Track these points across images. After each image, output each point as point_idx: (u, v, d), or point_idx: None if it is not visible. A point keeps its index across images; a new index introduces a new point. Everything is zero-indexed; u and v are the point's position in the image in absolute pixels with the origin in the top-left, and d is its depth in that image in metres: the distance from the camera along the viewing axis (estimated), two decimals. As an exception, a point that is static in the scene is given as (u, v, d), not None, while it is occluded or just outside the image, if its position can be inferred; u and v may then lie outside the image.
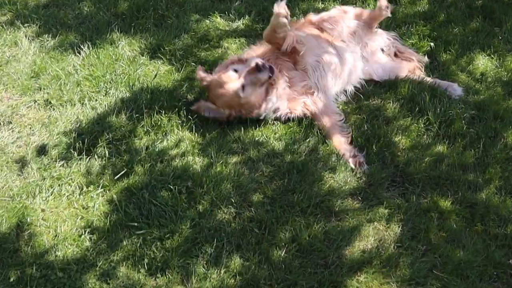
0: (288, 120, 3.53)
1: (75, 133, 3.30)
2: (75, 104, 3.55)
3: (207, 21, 4.58)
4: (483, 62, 4.41)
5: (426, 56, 4.32)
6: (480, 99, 3.97)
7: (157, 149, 3.22)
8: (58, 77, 3.75)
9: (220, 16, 4.60)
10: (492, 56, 4.49)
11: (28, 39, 4.16)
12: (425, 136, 3.58)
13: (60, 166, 3.09)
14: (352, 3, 4.79)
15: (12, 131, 3.35)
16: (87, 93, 3.63)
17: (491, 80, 4.21)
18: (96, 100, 3.60)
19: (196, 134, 3.36)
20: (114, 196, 2.90)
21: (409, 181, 3.25)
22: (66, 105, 3.54)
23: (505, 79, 4.25)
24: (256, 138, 3.40)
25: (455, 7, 5.09)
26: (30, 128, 3.38)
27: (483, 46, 4.57)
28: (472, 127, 3.65)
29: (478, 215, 3.05)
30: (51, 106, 3.55)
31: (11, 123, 3.41)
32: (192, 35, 4.35)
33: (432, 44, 4.43)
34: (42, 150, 3.22)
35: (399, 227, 2.94)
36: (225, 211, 2.91)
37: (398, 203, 3.09)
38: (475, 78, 4.24)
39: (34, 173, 3.04)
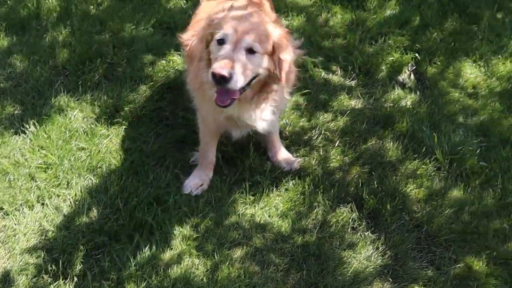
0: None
1: (43, 250, 2.72)
2: (33, 206, 2.95)
3: (163, 61, 4.01)
4: (471, 71, 4.13)
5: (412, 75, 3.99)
6: (481, 120, 3.69)
7: (147, 257, 2.69)
8: (5, 171, 3.11)
9: (177, 53, 4.03)
10: (479, 62, 4.22)
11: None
12: (436, 180, 3.24)
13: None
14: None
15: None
16: (45, 188, 3.03)
17: (485, 94, 3.93)
18: (58, 196, 3.00)
19: (188, 227, 2.85)
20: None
21: (435, 244, 2.91)
22: (22, 209, 2.93)
23: (498, 89, 3.98)
24: (257, 220, 2.93)
25: (427, 5, 4.76)
26: (-15, 249, 2.76)
27: (466, 52, 4.29)
28: (483, 160, 3.35)
29: (515, 274, 2.76)
30: (4, 213, 2.93)
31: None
32: (151, 85, 3.76)
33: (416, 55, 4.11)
34: (5, 279, 2.62)
35: (440, 308, 2.60)
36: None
37: (431, 276, 2.74)
38: (468, 93, 3.94)
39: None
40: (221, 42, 2.44)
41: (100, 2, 4.65)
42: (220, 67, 2.32)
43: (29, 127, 3.36)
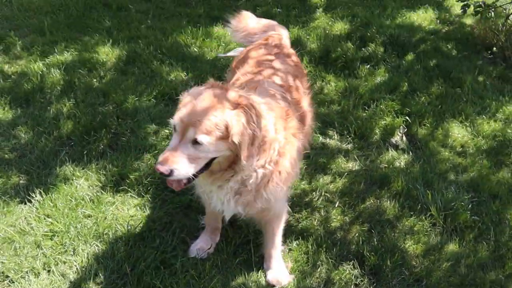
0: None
1: (49, 317, 2.73)
2: (39, 274, 2.98)
3: (166, 130, 4.17)
4: (458, 131, 4.36)
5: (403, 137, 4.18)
6: (471, 177, 3.86)
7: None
8: (11, 240, 3.16)
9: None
10: (465, 122, 4.45)
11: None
12: (433, 235, 3.36)
13: None
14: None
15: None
16: (51, 255, 3.07)
17: (473, 152, 4.12)
18: (65, 262, 3.04)
19: (197, 291, 2.89)
20: None
21: (437, 298, 2.96)
22: (28, 277, 2.96)
23: (485, 147, 4.17)
24: (263, 282, 2.98)
25: (413, 71, 5.06)
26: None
27: (453, 113, 4.55)
28: (475, 214, 3.51)
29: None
30: (9, 281, 2.94)
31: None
32: (155, 154, 3.89)
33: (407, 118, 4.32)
34: None
35: None
36: None
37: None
38: (457, 152, 4.14)
39: None
40: (174, 128, 2.40)
41: (103, 75, 4.88)
42: (160, 163, 2.31)
43: (35, 196, 3.44)
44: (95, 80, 4.82)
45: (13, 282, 2.94)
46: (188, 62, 5.13)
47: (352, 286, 3.00)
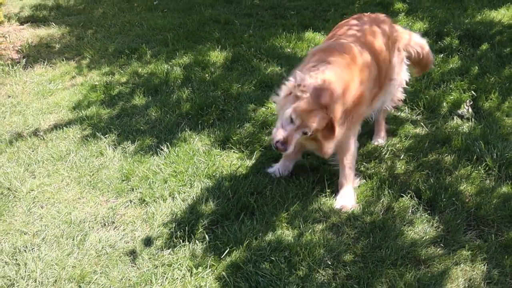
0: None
1: (174, 224, 3.70)
2: (166, 199, 3.98)
3: (263, 108, 5.10)
4: (525, 105, 4.74)
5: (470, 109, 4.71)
6: (532, 141, 4.26)
7: (249, 228, 3.56)
8: (147, 177, 4.22)
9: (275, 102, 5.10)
10: (534, 98, 4.83)
11: (111, 147, 4.70)
12: (487, 181, 3.87)
13: (168, 254, 3.46)
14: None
15: (117, 229, 3.76)
16: (175, 188, 4.07)
17: (537, 118, 4.52)
18: (185, 193, 4.02)
19: (280, 210, 3.72)
20: (223, 273, 3.23)
21: (483, 223, 3.50)
22: (159, 201, 3.97)
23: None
24: (334, 206, 3.73)
25: (486, 58, 5.53)
26: (132, 224, 3.78)
27: (521, 90, 4.93)
28: (530, 166, 3.93)
29: (556, 243, 3.26)
30: (146, 204, 3.98)
31: (114, 222, 3.83)
32: (253, 123, 4.83)
33: (473, 93, 4.83)
34: (148, 242, 3.60)
35: (484, 265, 3.17)
36: (323, 274, 3.19)
37: (478, 244, 3.33)
38: (521, 120, 4.55)
39: (146, 263, 3.41)
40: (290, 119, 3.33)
41: (213, 71, 5.99)
42: (280, 143, 3.33)
43: (163, 149, 4.51)
44: (207, 75, 5.93)
45: (148, 204, 3.97)
46: (282, 59, 6.10)
47: (409, 212, 3.64)
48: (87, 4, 9.21)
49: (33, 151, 4.71)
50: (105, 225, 3.82)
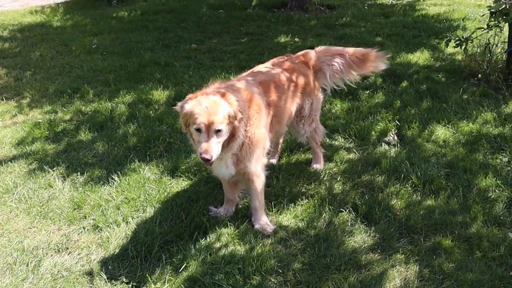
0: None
1: (129, 245, 3.84)
2: (120, 224, 4.12)
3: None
4: (442, 132, 5.37)
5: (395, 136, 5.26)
6: (449, 159, 4.84)
7: (203, 245, 3.78)
8: (99, 205, 4.34)
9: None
10: (448, 126, 5.48)
11: (60, 179, 4.79)
12: (414, 196, 4.35)
13: (126, 273, 3.60)
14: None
15: (72, 254, 3.84)
16: (128, 213, 4.22)
17: (452, 144, 5.13)
18: (138, 217, 4.18)
19: (231, 228, 3.97)
20: (182, 286, 3.41)
21: (413, 231, 3.93)
22: (113, 226, 4.10)
23: (463, 141, 5.17)
24: (282, 223, 4.04)
25: (406, 93, 6.20)
26: (87, 249, 3.88)
27: (438, 120, 5.58)
28: (449, 182, 4.46)
29: (475, 245, 3.73)
30: (99, 229, 4.09)
31: (68, 248, 3.91)
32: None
33: (397, 122, 5.41)
34: (104, 264, 3.72)
35: (417, 266, 3.57)
36: (275, 281, 3.46)
37: (410, 249, 3.73)
38: (439, 145, 5.15)
39: (104, 284, 3.52)
40: (198, 130, 3.44)
41: (157, 108, 6.24)
42: (204, 153, 3.37)
43: (114, 179, 4.66)
44: (151, 111, 6.18)
45: (103, 231, 4.09)
46: (223, 96, 6.44)
47: (349, 225, 4.01)
48: (23, 48, 9.25)
49: (-22, 185, 4.70)
50: (59, 251, 3.89)
